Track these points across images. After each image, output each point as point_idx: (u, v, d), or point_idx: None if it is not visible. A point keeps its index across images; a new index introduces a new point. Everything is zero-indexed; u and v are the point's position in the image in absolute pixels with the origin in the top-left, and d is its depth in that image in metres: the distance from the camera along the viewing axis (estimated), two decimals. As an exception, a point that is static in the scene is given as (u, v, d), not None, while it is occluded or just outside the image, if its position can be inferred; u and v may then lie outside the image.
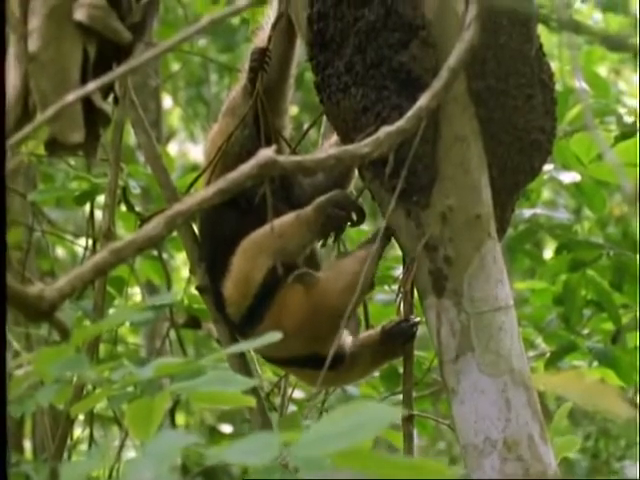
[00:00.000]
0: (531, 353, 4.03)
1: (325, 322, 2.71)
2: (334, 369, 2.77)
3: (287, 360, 2.89)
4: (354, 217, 2.78)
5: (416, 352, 2.94)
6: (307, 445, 1.41)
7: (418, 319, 2.82)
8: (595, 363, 3.80)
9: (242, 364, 3.05)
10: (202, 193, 1.77)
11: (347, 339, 2.92)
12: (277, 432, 2.85)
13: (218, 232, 2.89)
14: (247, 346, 1.94)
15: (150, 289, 5.45)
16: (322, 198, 2.74)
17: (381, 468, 1.40)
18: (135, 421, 1.93)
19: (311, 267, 2.83)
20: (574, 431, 5.61)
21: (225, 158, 2.89)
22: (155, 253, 4.16)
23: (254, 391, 2.94)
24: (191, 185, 3.06)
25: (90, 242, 4.18)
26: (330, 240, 2.85)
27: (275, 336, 1.79)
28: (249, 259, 2.75)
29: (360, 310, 2.92)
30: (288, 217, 2.74)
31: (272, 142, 2.86)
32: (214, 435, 5.98)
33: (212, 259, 2.93)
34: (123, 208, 4.06)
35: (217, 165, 2.91)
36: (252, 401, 1.93)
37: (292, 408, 3.97)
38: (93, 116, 2.35)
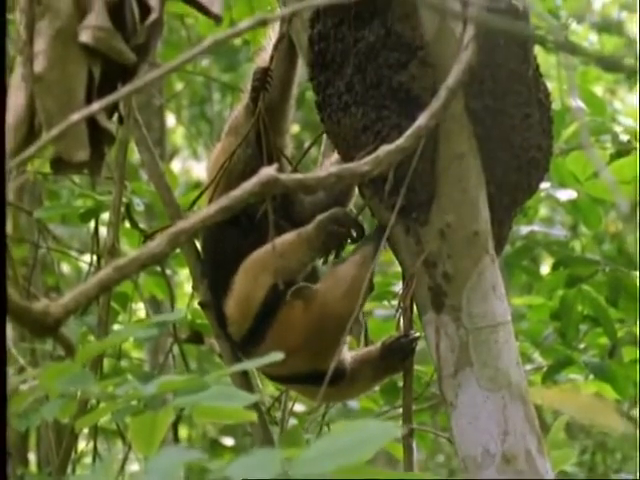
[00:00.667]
0: (528, 367, 4.05)
1: (329, 332, 2.72)
2: (335, 385, 2.79)
3: (288, 377, 2.90)
4: (354, 234, 2.81)
5: (415, 366, 2.96)
6: (308, 461, 1.43)
7: (417, 334, 2.84)
8: (591, 377, 3.82)
9: (244, 379, 3.08)
10: (205, 210, 1.79)
11: (347, 355, 2.94)
12: (279, 448, 2.87)
13: (220, 250, 2.91)
14: (249, 365, 1.96)
15: (154, 304, 5.47)
16: (322, 216, 2.76)
17: None
18: (139, 436, 1.95)
19: (312, 284, 2.85)
20: (571, 444, 5.60)
21: (228, 176, 2.91)
22: (159, 269, 4.18)
23: (255, 405, 2.96)
24: (194, 202, 3.09)
25: (95, 258, 4.20)
26: (331, 257, 2.87)
27: (277, 356, 1.81)
28: (251, 278, 2.77)
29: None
30: (289, 235, 2.77)
31: (274, 160, 2.88)
32: (216, 448, 5.99)
33: (214, 277, 2.95)
34: (127, 225, 4.09)
35: (220, 183, 2.93)
36: (253, 416, 1.94)
37: (293, 421, 3.98)
38: (98, 135, 2.37)
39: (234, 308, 2.80)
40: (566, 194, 3.63)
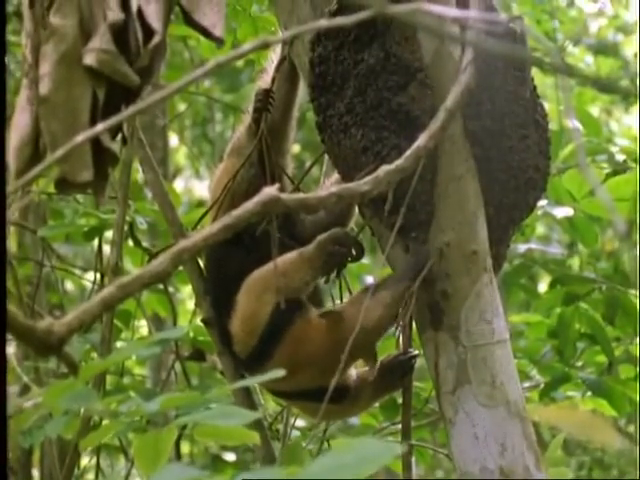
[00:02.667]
0: (526, 384, 4.06)
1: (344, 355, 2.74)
2: (339, 403, 2.81)
3: (293, 393, 2.91)
4: (354, 253, 2.83)
5: (415, 383, 2.98)
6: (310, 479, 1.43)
7: (416, 352, 2.86)
8: (588, 394, 3.83)
9: (245, 395, 3.10)
10: (207, 229, 1.80)
11: (353, 373, 2.95)
12: (281, 464, 2.87)
13: (223, 268, 2.92)
14: (253, 381, 1.97)
15: (156, 322, 5.49)
16: (323, 236, 2.77)
17: None
18: (142, 455, 1.96)
19: (314, 302, 2.87)
20: (568, 461, 5.62)
21: (232, 196, 2.92)
22: (161, 287, 4.21)
23: (257, 421, 2.98)
24: (198, 221, 3.11)
25: (98, 276, 4.22)
26: (332, 275, 2.90)
27: (279, 372, 1.83)
28: (254, 297, 2.79)
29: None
30: (290, 255, 2.78)
31: (276, 180, 2.90)
32: (218, 463, 5.99)
33: (217, 295, 2.96)
34: (130, 243, 4.12)
35: (224, 203, 2.95)
36: (256, 437, 1.95)
37: (295, 433, 4.00)
38: (101, 156, 2.40)
39: (239, 327, 2.81)
40: (563, 211, 3.64)
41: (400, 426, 2.89)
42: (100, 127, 1.99)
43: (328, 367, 2.70)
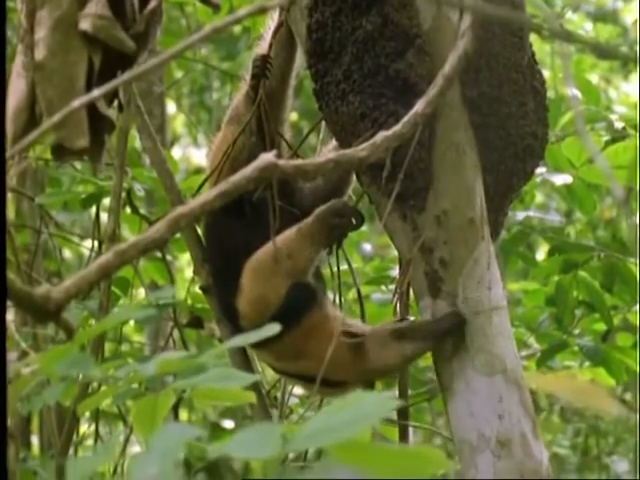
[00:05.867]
0: (523, 352, 4.06)
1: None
2: (340, 387, 2.81)
3: (296, 375, 2.89)
4: (354, 222, 2.81)
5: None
6: (307, 437, 1.43)
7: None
8: (586, 363, 3.84)
9: (244, 362, 3.11)
10: (204, 196, 1.79)
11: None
12: (277, 425, 2.87)
13: (224, 239, 2.89)
14: (245, 340, 1.96)
15: (154, 290, 5.49)
16: (322, 210, 2.74)
17: (380, 458, 1.41)
18: (140, 419, 1.96)
19: (316, 276, 2.86)
20: (564, 428, 5.65)
21: (232, 164, 2.90)
22: (159, 254, 4.21)
23: (255, 388, 2.99)
24: (198, 190, 3.09)
25: (96, 244, 4.22)
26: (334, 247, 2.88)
27: (275, 328, 1.81)
28: (263, 281, 2.75)
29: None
30: (291, 234, 2.75)
31: (274, 147, 2.89)
32: (216, 431, 6.02)
33: (218, 266, 2.95)
34: (128, 211, 4.11)
35: (223, 171, 2.93)
36: (253, 397, 1.95)
37: (293, 400, 4.01)
38: (98, 123, 2.40)
39: (249, 307, 2.78)
40: (561, 179, 3.64)
41: (397, 392, 2.90)
42: (96, 93, 1.98)
43: (332, 373, 2.69)
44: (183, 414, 6.17)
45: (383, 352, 2.71)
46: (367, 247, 5.14)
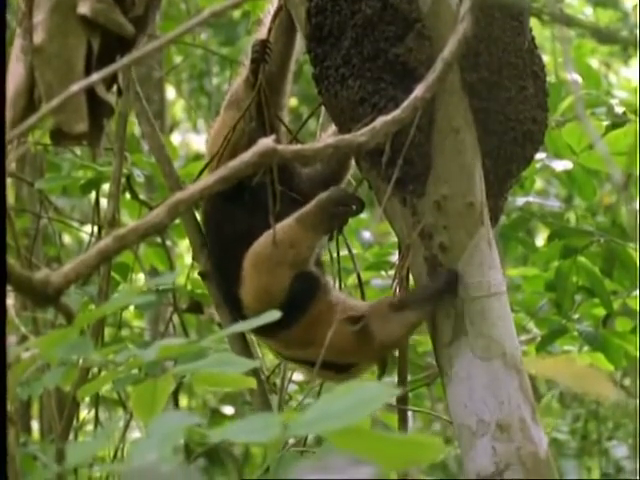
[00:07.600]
0: (523, 337, 4.07)
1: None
2: (344, 372, 2.81)
3: (301, 361, 2.89)
4: (354, 209, 2.80)
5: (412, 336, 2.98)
6: (307, 424, 1.43)
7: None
8: (585, 348, 3.85)
9: (243, 347, 3.11)
10: (203, 181, 1.78)
11: None
12: (277, 412, 2.88)
13: (224, 226, 2.88)
14: (246, 326, 1.96)
15: (154, 275, 5.49)
16: (322, 197, 2.73)
17: (379, 445, 1.42)
18: (140, 404, 1.96)
19: (316, 262, 2.86)
20: (564, 413, 5.66)
21: (232, 150, 2.88)
22: (159, 240, 4.21)
23: (255, 374, 2.99)
24: (199, 175, 3.08)
25: (95, 229, 4.22)
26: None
27: (275, 315, 1.81)
28: (265, 273, 2.75)
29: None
30: (290, 223, 2.74)
31: (274, 132, 2.88)
32: (216, 417, 6.03)
33: (218, 253, 2.94)
34: (127, 196, 4.11)
35: (223, 157, 2.92)
36: (253, 382, 1.95)
37: (292, 387, 4.01)
38: (97, 107, 2.39)
39: (253, 298, 2.77)
40: (561, 164, 3.63)
41: (396, 378, 2.90)
42: (95, 77, 1.98)
43: (342, 357, 2.70)
44: (183, 400, 6.18)
45: (387, 326, 2.71)
46: (366, 234, 5.14)
